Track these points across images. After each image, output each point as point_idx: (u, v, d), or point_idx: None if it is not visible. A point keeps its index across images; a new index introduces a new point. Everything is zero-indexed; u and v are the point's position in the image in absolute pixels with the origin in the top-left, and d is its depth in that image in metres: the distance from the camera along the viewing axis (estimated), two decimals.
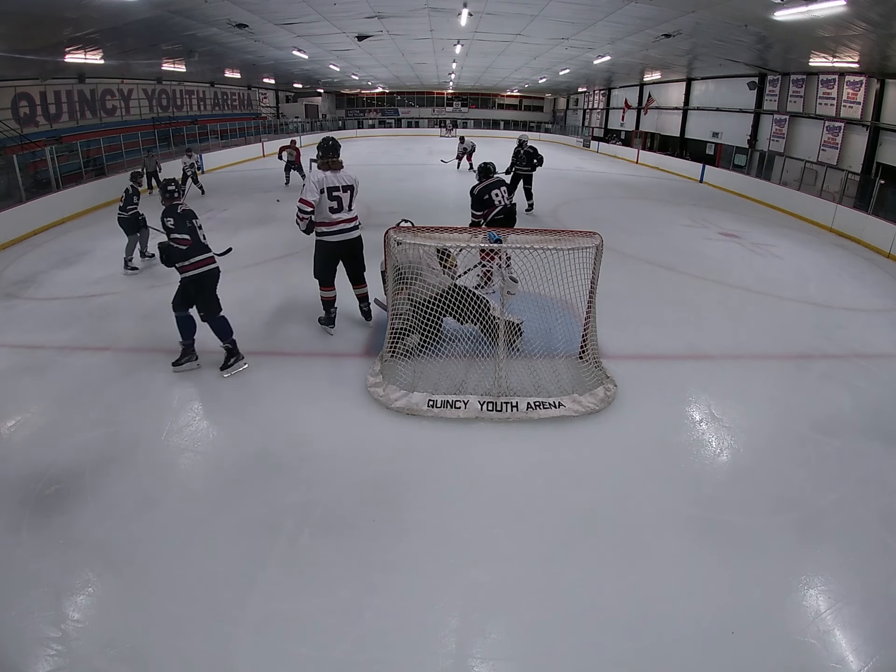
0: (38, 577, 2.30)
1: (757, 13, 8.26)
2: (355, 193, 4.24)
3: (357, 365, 4.06)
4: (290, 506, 2.72)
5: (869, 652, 2.06)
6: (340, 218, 4.15)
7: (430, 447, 3.20)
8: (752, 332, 4.97)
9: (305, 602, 2.21)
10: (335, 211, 4.12)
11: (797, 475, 3.05)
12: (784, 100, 13.77)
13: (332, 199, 4.08)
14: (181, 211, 3.78)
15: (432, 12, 10.92)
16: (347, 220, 4.20)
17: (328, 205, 4.08)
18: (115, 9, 8.48)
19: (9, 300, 5.46)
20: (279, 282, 5.93)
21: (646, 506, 2.78)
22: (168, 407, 3.57)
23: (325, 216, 4.13)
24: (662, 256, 7.17)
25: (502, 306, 3.62)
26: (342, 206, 4.14)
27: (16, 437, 3.27)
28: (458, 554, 2.46)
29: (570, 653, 2.05)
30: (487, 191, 5.38)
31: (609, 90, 25.25)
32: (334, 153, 4.12)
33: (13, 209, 8.00)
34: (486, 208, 5.38)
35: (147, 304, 5.27)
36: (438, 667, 2.00)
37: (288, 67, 19.80)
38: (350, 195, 4.18)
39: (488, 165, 5.49)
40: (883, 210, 9.02)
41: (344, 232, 4.21)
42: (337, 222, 4.15)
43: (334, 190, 4.07)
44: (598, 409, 3.53)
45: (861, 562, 2.48)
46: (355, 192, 4.23)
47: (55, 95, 13.28)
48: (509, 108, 35.57)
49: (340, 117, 32.19)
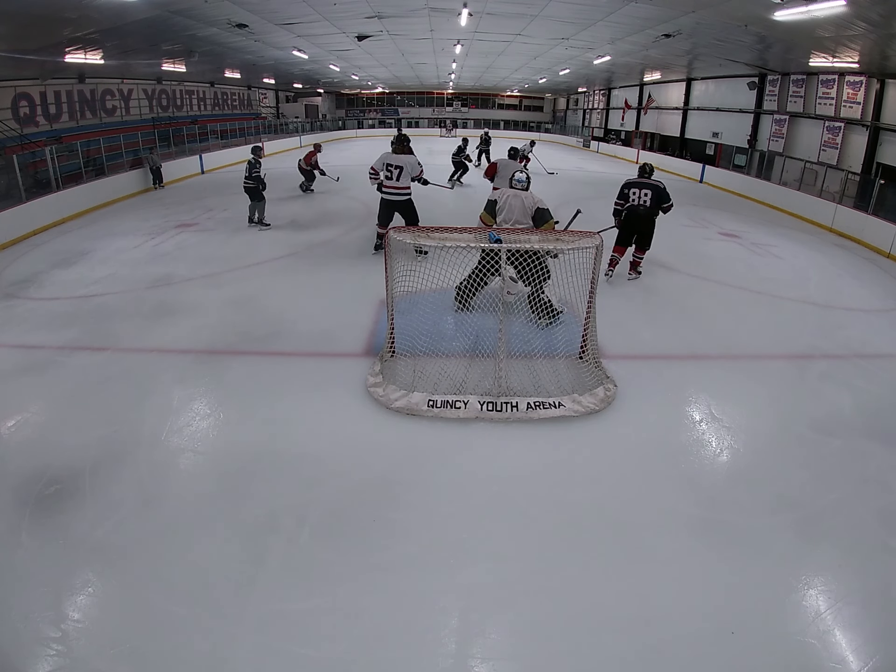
0: (38, 577, 2.30)
1: (757, 13, 8.25)
2: (404, 172, 6.10)
3: (357, 365, 4.06)
4: (290, 506, 2.72)
5: (869, 652, 2.06)
6: (391, 184, 6.21)
7: (430, 447, 3.20)
8: (752, 332, 4.97)
9: (305, 602, 2.21)
10: (388, 179, 6.18)
11: (797, 475, 3.05)
12: (784, 100, 13.77)
13: (387, 171, 6.13)
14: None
15: (432, 12, 10.92)
16: (395, 187, 6.22)
17: (384, 174, 6.16)
18: (115, 9, 8.47)
19: (9, 300, 5.45)
20: (279, 282, 5.93)
21: (646, 506, 2.78)
22: (168, 407, 3.57)
23: (384, 181, 6.21)
24: (662, 256, 7.15)
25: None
26: (392, 177, 6.15)
27: (16, 437, 3.27)
28: (458, 554, 2.47)
29: (570, 653, 2.05)
30: (628, 186, 5.82)
31: (609, 90, 25.25)
32: (399, 143, 6.28)
33: (13, 209, 7.97)
34: (624, 201, 5.84)
35: (147, 304, 5.27)
36: (438, 667, 2.00)
37: (288, 67, 19.79)
38: (399, 172, 6.08)
39: (645, 166, 6.03)
40: (883, 210, 9.01)
41: (391, 194, 6.25)
42: (389, 186, 6.22)
43: (390, 166, 6.10)
44: (598, 409, 3.53)
45: (861, 562, 2.48)
46: (404, 171, 6.09)
47: (55, 95, 13.27)
48: (509, 109, 35.55)
49: (340, 117, 32.16)
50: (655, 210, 5.70)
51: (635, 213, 5.72)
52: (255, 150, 8.50)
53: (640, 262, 6.11)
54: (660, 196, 5.66)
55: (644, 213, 5.70)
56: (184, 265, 6.45)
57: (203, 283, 5.89)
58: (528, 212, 4.54)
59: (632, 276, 6.15)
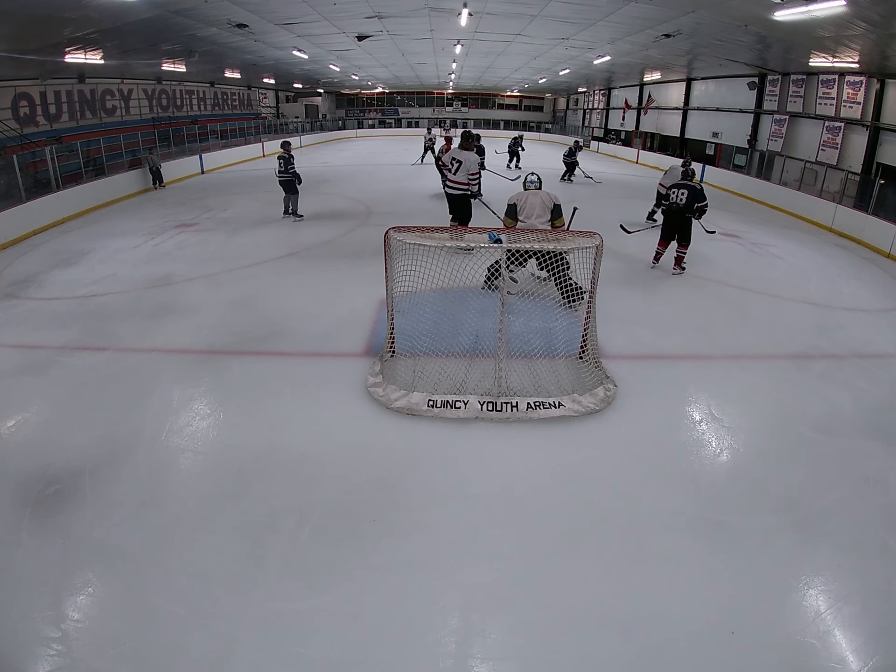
0: (38, 577, 2.30)
1: (757, 13, 8.25)
2: (462, 167, 6.42)
3: (357, 365, 4.06)
4: (290, 506, 2.72)
5: (869, 652, 2.06)
6: (450, 178, 6.59)
7: (430, 447, 3.20)
8: (752, 332, 4.97)
9: (305, 602, 2.21)
10: (450, 171, 6.55)
11: (797, 475, 3.05)
12: (784, 100, 13.76)
13: (450, 164, 6.53)
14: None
15: (432, 12, 10.92)
16: (452, 181, 6.59)
17: (446, 167, 6.62)
18: (115, 9, 8.47)
19: (9, 300, 5.46)
20: (279, 282, 5.93)
21: (646, 506, 2.78)
22: (168, 407, 3.57)
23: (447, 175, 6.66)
24: (662, 256, 7.16)
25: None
26: (452, 170, 6.50)
27: (16, 437, 3.27)
28: (458, 554, 2.47)
29: (570, 653, 2.05)
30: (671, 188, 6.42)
31: (609, 90, 25.24)
32: (465, 140, 6.60)
33: (13, 209, 7.98)
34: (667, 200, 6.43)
35: (147, 304, 5.27)
36: (438, 667, 2.00)
37: (288, 67, 19.78)
38: (458, 166, 6.43)
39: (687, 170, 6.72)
40: (883, 210, 9.00)
41: (449, 187, 6.69)
42: (450, 179, 6.63)
43: (454, 159, 6.48)
44: (598, 409, 3.53)
45: (861, 562, 2.48)
46: (462, 166, 6.41)
47: (55, 95, 13.27)
48: (509, 108, 35.54)
49: (340, 117, 32.16)
50: (691, 208, 6.17)
51: (672, 211, 6.30)
52: (285, 146, 8.67)
53: (682, 257, 6.48)
54: (695, 196, 6.17)
55: (678, 210, 6.23)
56: (184, 265, 6.45)
57: (203, 283, 5.89)
58: (548, 207, 4.99)
59: (676, 270, 6.50)
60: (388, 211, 9.35)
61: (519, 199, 5.07)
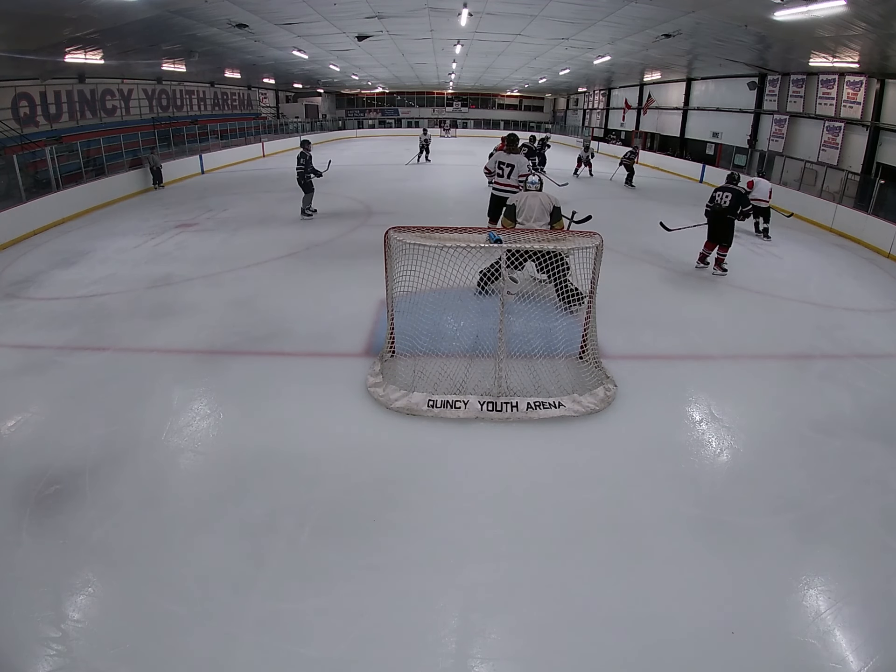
0: (38, 577, 2.30)
1: (757, 13, 8.25)
2: (515, 170, 6.37)
3: (357, 365, 4.06)
4: (289, 506, 2.72)
5: (869, 652, 2.06)
6: (502, 181, 6.48)
7: (429, 447, 3.20)
8: (752, 332, 4.97)
9: (305, 602, 2.21)
10: (500, 176, 6.49)
11: (797, 475, 3.05)
12: (784, 100, 13.76)
13: (500, 168, 6.47)
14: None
15: (432, 12, 10.92)
16: (506, 184, 6.45)
17: (497, 171, 6.49)
18: (115, 9, 8.47)
19: (9, 300, 5.46)
20: (279, 282, 5.93)
21: (646, 506, 2.78)
22: (168, 407, 3.57)
23: (496, 179, 6.54)
24: (662, 256, 7.17)
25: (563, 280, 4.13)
26: (504, 174, 6.45)
27: (16, 437, 3.27)
28: (458, 554, 2.46)
29: (571, 653, 2.05)
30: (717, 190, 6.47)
31: (609, 90, 25.24)
32: (510, 143, 6.61)
33: (13, 209, 7.98)
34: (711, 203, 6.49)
35: (147, 304, 5.27)
36: (438, 667, 2.00)
37: (288, 67, 19.79)
38: (511, 170, 6.38)
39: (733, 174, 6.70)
40: (883, 210, 9.01)
41: (501, 190, 6.49)
42: (500, 183, 6.51)
43: (503, 164, 6.44)
44: (598, 409, 3.53)
45: (861, 562, 2.48)
46: (515, 168, 6.36)
47: (55, 95, 13.27)
48: (509, 108, 35.54)
49: (340, 117, 32.16)
50: (733, 210, 6.24)
51: (716, 212, 6.37)
52: (305, 144, 8.77)
53: (723, 259, 6.51)
54: (738, 198, 6.25)
55: (720, 211, 6.30)
56: (184, 265, 6.45)
57: (203, 283, 5.89)
58: (547, 209, 4.95)
59: (716, 271, 6.52)
60: (388, 211, 9.35)
61: (518, 201, 5.03)
